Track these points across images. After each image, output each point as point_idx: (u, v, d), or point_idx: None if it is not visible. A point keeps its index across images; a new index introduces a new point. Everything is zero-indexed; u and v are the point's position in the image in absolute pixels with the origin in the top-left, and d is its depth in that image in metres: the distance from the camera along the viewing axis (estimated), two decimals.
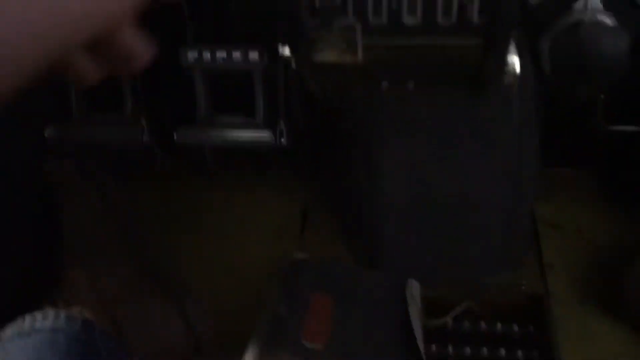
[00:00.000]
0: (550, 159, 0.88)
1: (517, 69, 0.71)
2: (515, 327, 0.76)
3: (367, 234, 0.84)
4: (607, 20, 0.60)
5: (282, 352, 0.65)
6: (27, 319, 0.61)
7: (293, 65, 0.73)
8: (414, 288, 0.75)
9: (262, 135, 0.80)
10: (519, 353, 0.72)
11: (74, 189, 0.75)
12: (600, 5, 0.61)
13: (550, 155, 0.86)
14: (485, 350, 0.73)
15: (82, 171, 0.76)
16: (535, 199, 0.88)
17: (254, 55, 0.76)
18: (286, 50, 0.72)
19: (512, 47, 0.70)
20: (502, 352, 0.73)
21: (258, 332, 0.67)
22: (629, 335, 0.71)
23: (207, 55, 0.77)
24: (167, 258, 0.74)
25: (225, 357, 0.70)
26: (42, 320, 0.60)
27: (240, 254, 0.87)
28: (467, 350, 0.74)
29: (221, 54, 0.76)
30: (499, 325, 0.76)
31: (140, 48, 0.37)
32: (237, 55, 0.76)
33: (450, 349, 0.74)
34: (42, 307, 0.62)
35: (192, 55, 0.77)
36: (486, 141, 0.77)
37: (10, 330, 0.60)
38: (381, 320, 0.72)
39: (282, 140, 0.79)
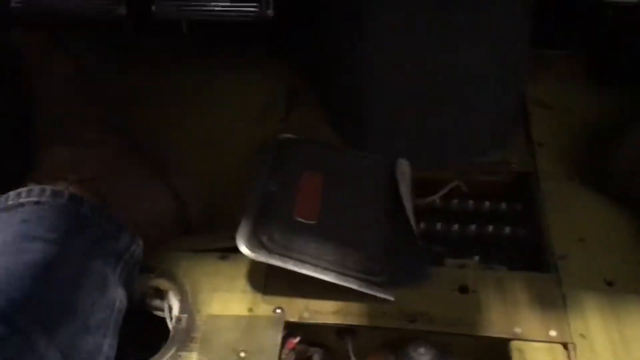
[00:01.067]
0: (541, 40, 0.86)
1: None
2: (503, 205, 0.77)
3: (354, 113, 0.82)
4: None
5: (275, 227, 0.64)
6: (11, 194, 0.58)
7: None
8: (404, 166, 0.74)
9: (247, 5, 0.75)
10: (507, 229, 0.74)
11: (46, 60, 0.70)
12: None
13: (542, 37, 0.83)
14: (473, 227, 0.74)
15: (55, 42, 0.70)
16: (526, 79, 0.86)
17: None
18: None
19: None
20: (490, 228, 0.74)
21: (249, 207, 0.66)
22: (613, 206, 0.72)
23: None
24: (150, 137, 0.71)
25: (215, 232, 0.70)
26: (27, 194, 0.58)
27: (224, 133, 0.84)
28: (456, 227, 0.75)
29: None
30: (487, 204, 0.77)
31: None
32: None
33: (439, 226, 0.75)
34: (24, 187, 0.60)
35: None
36: (479, 15, 0.73)
37: None
38: (372, 198, 0.72)
39: (269, 11, 0.74)
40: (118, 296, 0.58)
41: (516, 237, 0.73)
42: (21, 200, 0.57)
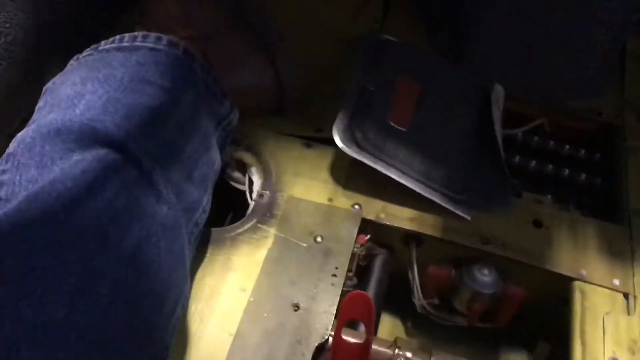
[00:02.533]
0: None
1: None
2: (582, 152, 0.77)
3: (455, 28, 0.80)
4: None
5: (370, 126, 0.65)
6: (127, 36, 0.58)
7: None
8: (499, 92, 0.73)
9: None
10: (582, 176, 0.74)
11: None
12: None
13: None
14: (549, 167, 0.75)
15: None
16: (631, 31, 0.84)
17: None
18: None
19: None
20: (566, 172, 0.75)
21: (347, 101, 0.66)
22: None
23: None
24: (259, 11, 0.69)
25: (305, 119, 0.70)
26: (143, 39, 0.57)
27: (321, 23, 0.83)
28: (533, 163, 0.75)
29: None
30: (566, 147, 0.77)
31: None
32: None
33: (517, 159, 0.75)
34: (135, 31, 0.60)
35: None
36: None
37: (107, 43, 0.58)
38: (464, 116, 0.72)
39: None
40: (217, 158, 0.60)
41: (590, 184, 0.74)
42: (137, 43, 0.57)
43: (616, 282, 0.61)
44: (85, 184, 0.43)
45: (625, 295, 0.61)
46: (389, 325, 0.73)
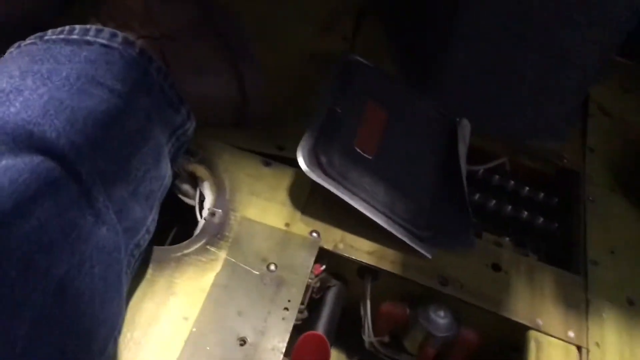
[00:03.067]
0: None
1: None
2: (541, 195, 0.76)
3: (424, 57, 0.78)
4: None
5: (335, 149, 0.61)
6: (78, 27, 0.52)
7: None
8: (466, 127, 0.72)
9: None
10: (540, 220, 0.74)
11: None
12: None
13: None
14: (508, 208, 0.74)
15: None
16: (596, 79, 0.84)
17: None
18: None
19: None
20: (524, 214, 0.74)
21: (314, 121, 0.62)
22: None
23: None
24: (226, 16, 0.65)
25: (268, 134, 0.66)
26: (96, 34, 0.52)
27: (288, 34, 0.79)
28: (492, 202, 0.74)
29: None
30: (526, 189, 0.76)
31: None
32: None
33: (476, 196, 0.74)
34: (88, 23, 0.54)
35: None
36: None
37: (54, 33, 0.52)
38: (430, 148, 0.70)
39: None
40: (167, 172, 0.54)
41: (547, 229, 0.73)
42: (88, 37, 0.51)
43: (571, 334, 0.60)
44: (13, 199, 0.37)
45: (579, 348, 0.59)
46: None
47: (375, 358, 0.64)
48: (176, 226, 0.67)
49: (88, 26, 0.52)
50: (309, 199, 0.63)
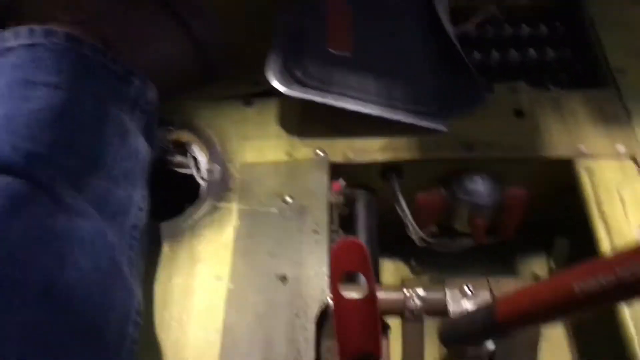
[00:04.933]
0: None
1: None
2: (543, 27, 0.70)
3: None
4: None
5: (308, 60, 0.57)
6: None
7: None
8: None
9: None
10: (551, 52, 0.67)
11: None
12: None
13: None
14: (514, 54, 0.68)
15: None
16: None
17: None
18: None
19: None
20: (533, 53, 0.68)
21: (277, 42, 0.58)
22: None
23: None
24: None
25: (238, 77, 0.62)
26: (15, 37, 0.48)
27: None
28: (495, 55, 0.68)
29: None
30: (525, 27, 0.70)
31: None
32: None
33: (476, 54, 0.68)
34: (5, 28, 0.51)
35: None
36: None
37: None
38: (408, 23, 0.64)
39: None
40: (140, 146, 0.51)
41: (561, 59, 0.67)
42: (8, 44, 0.48)
43: (620, 148, 0.55)
44: None
45: (634, 159, 0.54)
46: (391, 271, 0.66)
47: (433, 252, 0.61)
48: (189, 203, 0.64)
49: (4, 33, 0.49)
50: (302, 121, 0.59)
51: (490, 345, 0.48)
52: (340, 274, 0.44)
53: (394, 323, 0.51)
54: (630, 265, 0.28)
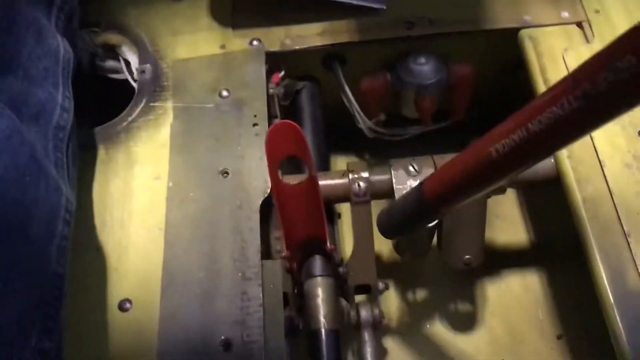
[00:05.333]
0: None
1: None
2: None
3: None
4: None
5: None
6: None
7: None
8: None
9: None
10: None
11: None
12: None
13: None
14: None
15: None
16: None
17: None
18: None
19: None
20: None
21: None
22: None
23: None
24: None
25: None
26: None
27: None
28: None
29: None
30: None
31: None
32: None
33: None
34: None
35: None
36: None
37: None
38: None
39: None
40: (60, 46, 0.48)
41: None
42: None
43: (565, 14, 0.53)
44: None
45: (579, 25, 0.53)
46: (343, 165, 0.65)
47: (383, 143, 0.60)
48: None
49: None
50: (235, 11, 0.56)
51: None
52: (278, 160, 0.43)
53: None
54: (540, 116, 0.27)
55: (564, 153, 0.47)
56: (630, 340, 0.40)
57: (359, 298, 0.51)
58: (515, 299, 0.58)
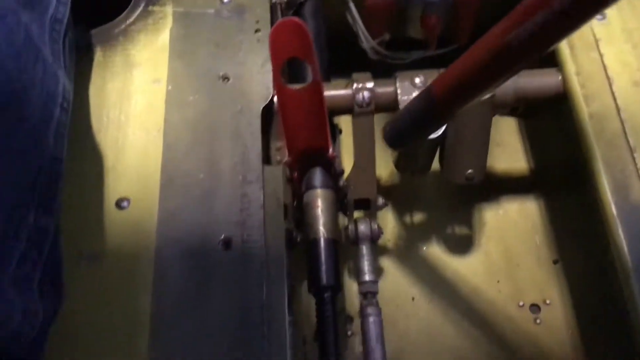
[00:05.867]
0: None
1: None
2: None
3: None
4: None
5: None
6: None
7: None
8: None
9: None
10: None
11: None
12: None
13: None
14: None
15: None
16: None
17: None
18: None
19: None
20: None
21: None
22: None
23: None
24: None
25: None
26: None
27: None
28: None
29: None
30: None
31: None
32: None
33: None
34: None
35: None
36: None
37: None
38: None
39: None
40: None
41: None
42: None
43: None
44: None
45: None
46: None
47: (387, 67, 0.58)
48: None
49: None
50: None
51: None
52: (282, 61, 0.42)
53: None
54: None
55: (572, 69, 0.47)
56: (631, 250, 0.40)
57: (357, 215, 0.51)
58: (512, 224, 0.58)
